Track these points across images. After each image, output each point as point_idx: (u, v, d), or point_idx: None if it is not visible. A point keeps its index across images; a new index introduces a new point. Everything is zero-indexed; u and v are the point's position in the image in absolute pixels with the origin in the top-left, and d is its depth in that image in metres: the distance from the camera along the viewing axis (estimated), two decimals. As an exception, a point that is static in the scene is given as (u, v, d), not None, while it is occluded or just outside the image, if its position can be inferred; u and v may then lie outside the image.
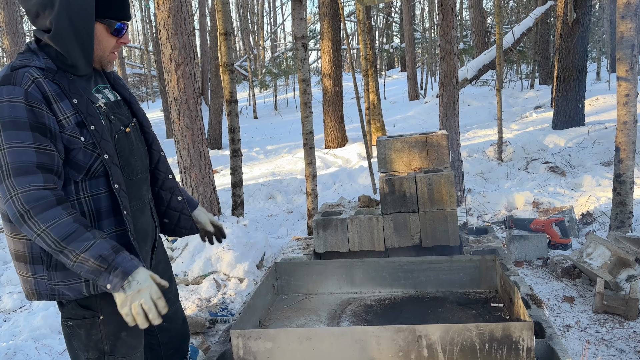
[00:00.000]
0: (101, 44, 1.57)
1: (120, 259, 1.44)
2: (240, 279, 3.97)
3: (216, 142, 11.99)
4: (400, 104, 15.85)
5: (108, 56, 1.61)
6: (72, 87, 1.52)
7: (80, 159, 1.50)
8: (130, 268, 1.44)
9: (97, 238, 1.44)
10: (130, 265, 1.45)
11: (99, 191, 1.55)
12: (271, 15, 30.60)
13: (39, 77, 1.46)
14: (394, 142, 3.47)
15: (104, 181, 1.55)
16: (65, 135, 1.48)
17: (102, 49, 1.58)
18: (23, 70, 1.46)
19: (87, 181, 1.53)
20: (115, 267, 1.43)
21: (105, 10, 1.53)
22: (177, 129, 4.83)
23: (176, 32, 4.64)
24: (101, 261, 1.42)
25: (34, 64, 1.49)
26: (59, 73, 1.51)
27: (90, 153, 1.50)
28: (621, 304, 3.05)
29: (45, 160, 1.43)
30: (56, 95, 1.48)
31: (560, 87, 8.61)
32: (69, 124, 1.48)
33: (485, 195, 5.59)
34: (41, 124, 1.43)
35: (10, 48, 8.15)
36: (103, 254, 1.42)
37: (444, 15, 5.37)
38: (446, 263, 2.53)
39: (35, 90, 1.44)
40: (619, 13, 3.84)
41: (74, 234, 1.42)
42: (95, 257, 1.41)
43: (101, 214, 1.55)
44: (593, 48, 17.64)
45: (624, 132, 3.92)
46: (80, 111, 1.50)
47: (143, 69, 25.75)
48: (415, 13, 25.00)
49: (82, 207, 1.53)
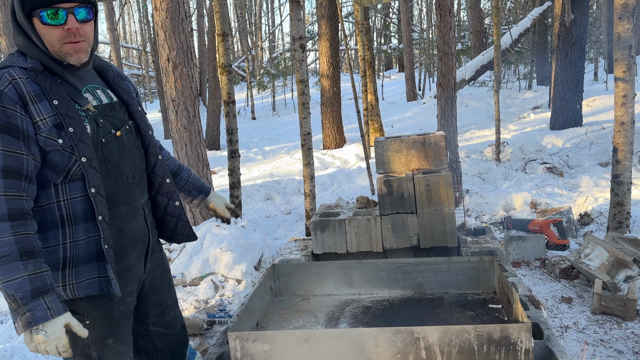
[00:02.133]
0: (45, 37, 1.49)
1: (33, 305, 1.37)
2: (238, 280, 3.97)
3: (214, 143, 11.98)
4: (398, 105, 15.87)
5: (61, 48, 1.49)
6: (54, 88, 1.48)
7: (58, 160, 1.47)
8: (39, 319, 1.37)
9: (27, 272, 1.38)
10: (41, 314, 1.38)
11: (76, 195, 1.51)
12: (269, 16, 30.62)
13: (17, 78, 1.44)
14: (392, 142, 3.47)
15: (82, 185, 1.51)
16: (41, 137, 1.45)
17: (48, 42, 1.50)
18: (3, 71, 1.45)
19: (67, 184, 1.50)
20: (24, 312, 1.37)
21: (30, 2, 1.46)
22: (174, 130, 4.82)
23: (174, 33, 4.63)
24: (12, 300, 1.37)
25: (17, 64, 1.48)
26: (44, 74, 1.49)
27: (68, 155, 1.47)
28: (619, 305, 3.05)
29: (13, 163, 1.40)
30: (35, 96, 1.45)
31: (557, 87, 8.63)
32: (45, 125, 1.45)
33: (483, 195, 5.60)
34: (13, 125, 1.41)
35: (8, 48, 8.14)
36: (17, 295, 1.36)
37: (442, 16, 5.37)
38: (444, 264, 2.52)
39: (11, 91, 1.42)
40: (616, 14, 3.85)
41: (5, 258, 1.37)
42: (9, 294, 1.37)
43: (77, 218, 1.52)
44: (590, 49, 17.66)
45: (622, 132, 3.92)
46: (59, 113, 1.47)
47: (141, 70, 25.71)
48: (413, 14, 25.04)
49: (60, 210, 1.50)
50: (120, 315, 1.64)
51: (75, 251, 1.53)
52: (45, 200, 1.50)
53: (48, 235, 1.51)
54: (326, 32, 9.60)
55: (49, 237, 1.51)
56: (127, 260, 1.65)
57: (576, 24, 8.28)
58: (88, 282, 1.55)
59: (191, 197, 2.04)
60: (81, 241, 1.53)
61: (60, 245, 1.52)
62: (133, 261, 1.69)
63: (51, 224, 1.51)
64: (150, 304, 1.82)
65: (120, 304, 1.64)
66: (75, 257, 1.53)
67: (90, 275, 1.55)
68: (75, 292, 1.53)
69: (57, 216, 1.50)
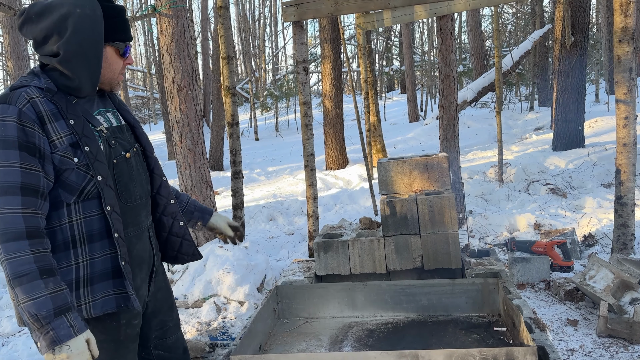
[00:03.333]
0: (112, 66, 1.62)
1: (57, 324, 1.37)
2: (240, 302, 3.94)
3: (217, 164, 12.04)
4: (400, 126, 15.95)
5: (117, 77, 1.66)
6: (70, 108, 1.52)
7: (73, 180, 1.49)
8: (64, 337, 1.37)
9: (48, 290, 1.38)
10: (65, 333, 1.38)
11: (91, 213, 1.53)
12: (272, 39, 31.01)
13: (35, 97, 1.47)
14: (395, 164, 3.49)
15: (97, 203, 1.53)
16: (57, 155, 1.47)
17: (112, 70, 1.62)
18: (20, 90, 1.48)
19: (80, 203, 1.52)
20: (47, 331, 1.37)
21: (113, 33, 1.58)
22: (179, 151, 4.85)
23: (179, 57, 4.70)
24: (35, 320, 1.37)
25: (33, 84, 1.51)
26: (59, 94, 1.52)
27: (83, 174, 1.50)
28: (625, 328, 3.01)
29: (31, 180, 1.43)
30: (52, 115, 1.48)
31: (559, 109, 8.67)
32: (62, 144, 1.48)
33: (486, 216, 5.58)
34: (30, 144, 1.43)
35: (15, 71, 8.26)
36: (40, 314, 1.36)
37: (443, 39, 5.44)
38: (448, 286, 2.51)
39: (29, 109, 1.45)
40: (616, 37, 3.90)
41: (25, 277, 1.37)
42: (32, 314, 1.36)
43: (93, 237, 1.53)
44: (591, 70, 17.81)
45: (624, 154, 3.93)
46: (75, 132, 1.50)
47: (145, 92, 25.99)
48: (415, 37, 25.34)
49: (72, 230, 1.51)
50: (126, 338, 1.64)
51: (91, 269, 1.53)
52: (57, 221, 1.51)
53: (59, 257, 1.51)
54: (329, 55, 9.72)
55: (60, 258, 1.51)
56: (134, 282, 1.66)
57: (577, 46, 8.37)
58: (104, 299, 1.55)
59: (194, 220, 2.04)
60: (97, 259, 1.54)
61: (73, 266, 1.52)
62: (139, 283, 1.69)
63: (62, 245, 1.51)
64: (152, 326, 1.81)
65: (127, 327, 1.63)
66: (90, 276, 1.54)
67: (106, 292, 1.56)
68: (92, 311, 1.53)
69: (68, 236, 1.51)
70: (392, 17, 5.66)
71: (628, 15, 3.82)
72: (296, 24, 4.56)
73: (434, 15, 5.49)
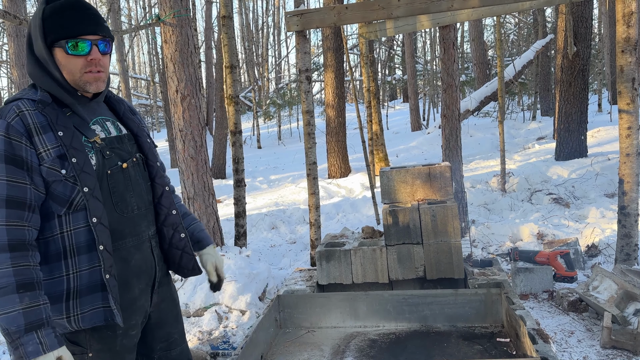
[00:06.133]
0: (66, 67, 1.54)
1: (26, 340, 1.38)
2: (242, 311, 3.93)
3: (220, 172, 12.05)
4: (402, 135, 15.97)
5: (81, 77, 1.55)
6: (60, 120, 1.52)
7: (61, 191, 1.49)
8: (30, 354, 1.38)
9: (22, 305, 1.39)
10: (33, 349, 1.38)
11: (79, 225, 1.52)
12: (275, 48, 31.17)
13: (25, 110, 1.48)
14: (398, 173, 3.49)
15: (85, 215, 1.52)
16: (44, 167, 1.48)
17: (69, 72, 1.55)
18: (12, 104, 1.50)
19: (70, 214, 1.51)
20: (17, 346, 1.38)
21: (54, 31, 1.52)
22: (181, 160, 4.86)
23: (183, 66, 4.72)
24: (6, 334, 1.39)
25: (27, 97, 1.53)
26: (51, 106, 1.53)
27: (71, 186, 1.49)
28: (629, 339, 2.99)
29: (16, 193, 1.43)
30: (40, 127, 1.49)
31: (562, 118, 8.68)
32: (49, 156, 1.48)
33: (489, 226, 5.57)
34: (18, 157, 1.44)
35: (19, 79, 8.31)
36: (10, 329, 1.38)
37: (446, 49, 5.46)
38: (451, 296, 2.50)
39: (17, 123, 1.46)
40: (618, 47, 3.90)
41: (1, 290, 1.38)
42: (3, 328, 1.38)
43: (81, 249, 1.53)
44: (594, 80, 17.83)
45: (627, 164, 3.92)
46: (63, 144, 1.50)
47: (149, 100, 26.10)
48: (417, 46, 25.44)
49: (64, 241, 1.51)
50: (122, 349, 1.62)
51: (79, 282, 1.53)
52: (49, 232, 1.51)
53: (52, 267, 1.51)
54: (332, 64, 9.76)
55: (53, 268, 1.51)
56: (131, 292, 1.64)
57: (579, 56, 8.39)
58: (93, 312, 1.54)
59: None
60: (85, 271, 1.53)
61: (64, 277, 1.52)
62: (138, 293, 1.67)
63: (55, 256, 1.52)
64: (157, 337, 1.79)
65: (123, 337, 1.62)
66: (79, 288, 1.53)
67: (94, 305, 1.55)
68: (80, 323, 1.53)
69: (60, 247, 1.51)
70: (395, 26, 5.68)
71: (630, 26, 3.83)
72: (299, 33, 4.59)
73: (436, 25, 5.52)
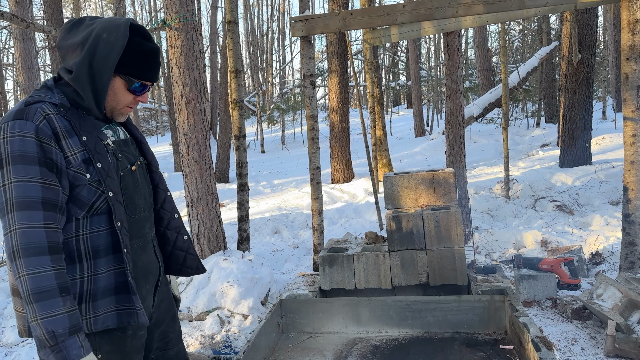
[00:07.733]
0: (117, 96, 1.60)
1: (70, 343, 1.39)
2: (244, 315, 3.92)
3: (223, 176, 12.07)
4: (406, 140, 15.97)
5: (121, 109, 1.63)
6: (82, 124, 1.55)
7: (84, 195, 1.51)
8: (75, 356, 1.40)
9: (65, 309, 1.40)
10: (76, 352, 1.40)
11: (99, 229, 1.54)
12: (280, 53, 31.27)
13: (50, 113, 1.49)
14: (401, 178, 3.48)
15: (106, 218, 1.54)
16: (71, 171, 1.49)
17: (116, 101, 1.61)
18: (36, 106, 1.50)
19: (89, 218, 1.53)
20: (60, 349, 1.39)
21: (129, 67, 1.57)
22: (185, 163, 4.87)
23: (188, 70, 4.74)
24: (51, 337, 1.38)
25: (48, 100, 1.53)
26: (72, 110, 1.55)
27: (94, 190, 1.51)
28: (633, 347, 2.97)
29: (50, 195, 1.44)
30: (66, 132, 1.50)
31: (566, 125, 8.66)
32: (76, 160, 1.50)
33: (493, 233, 5.55)
34: (49, 160, 1.45)
35: (25, 82, 8.36)
36: (57, 331, 1.38)
37: (450, 55, 5.47)
38: (454, 303, 2.49)
39: (46, 126, 1.47)
40: (623, 55, 3.90)
41: (45, 293, 1.38)
42: (48, 330, 1.38)
43: (99, 252, 1.54)
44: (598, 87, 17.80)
45: (632, 172, 3.91)
46: (88, 148, 1.52)
47: (153, 104, 26.21)
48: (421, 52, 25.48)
49: (78, 244, 1.52)
50: (132, 350, 1.64)
51: (94, 285, 1.54)
52: (65, 235, 1.52)
53: (67, 270, 1.52)
54: (336, 69, 9.78)
55: (67, 271, 1.52)
56: (140, 293, 1.66)
57: (583, 64, 8.38)
58: (106, 315, 1.56)
59: None
60: (102, 274, 1.55)
61: (77, 280, 1.53)
62: (145, 294, 1.70)
63: (68, 259, 1.53)
64: (154, 337, 1.81)
65: (132, 338, 1.64)
66: (93, 291, 1.54)
67: (108, 308, 1.56)
68: (93, 326, 1.53)
69: (74, 250, 1.52)
70: (400, 32, 5.70)
71: (636, 34, 3.83)
72: (304, 38, 4.60)
73: (441, 32, 5.53)
